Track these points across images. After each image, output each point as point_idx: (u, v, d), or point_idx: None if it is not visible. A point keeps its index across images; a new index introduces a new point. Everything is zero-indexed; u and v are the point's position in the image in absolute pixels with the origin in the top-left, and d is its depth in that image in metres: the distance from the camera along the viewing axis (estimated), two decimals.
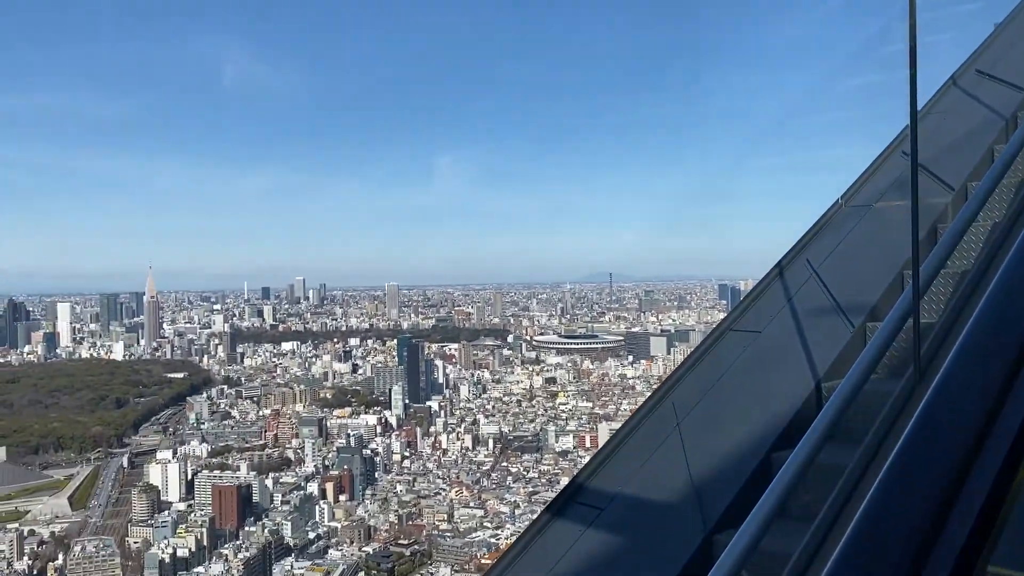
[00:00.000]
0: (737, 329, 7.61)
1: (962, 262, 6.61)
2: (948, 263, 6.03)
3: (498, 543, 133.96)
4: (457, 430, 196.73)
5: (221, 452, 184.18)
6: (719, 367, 7.12)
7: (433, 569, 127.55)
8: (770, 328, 7.33)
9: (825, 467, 4.51)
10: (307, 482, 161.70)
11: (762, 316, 7.54)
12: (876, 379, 4.82)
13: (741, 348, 7.27)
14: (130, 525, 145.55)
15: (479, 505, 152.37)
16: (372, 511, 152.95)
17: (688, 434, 6.37)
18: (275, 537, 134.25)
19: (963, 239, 6.09)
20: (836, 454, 4.58)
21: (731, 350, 7.32)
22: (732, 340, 7.45)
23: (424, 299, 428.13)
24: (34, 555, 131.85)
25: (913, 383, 4.31)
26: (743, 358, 7.15)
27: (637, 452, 6.57)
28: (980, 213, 6.12)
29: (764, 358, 7.07)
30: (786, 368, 6.65)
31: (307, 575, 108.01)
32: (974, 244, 6.64)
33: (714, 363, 7.24)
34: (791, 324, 7.09)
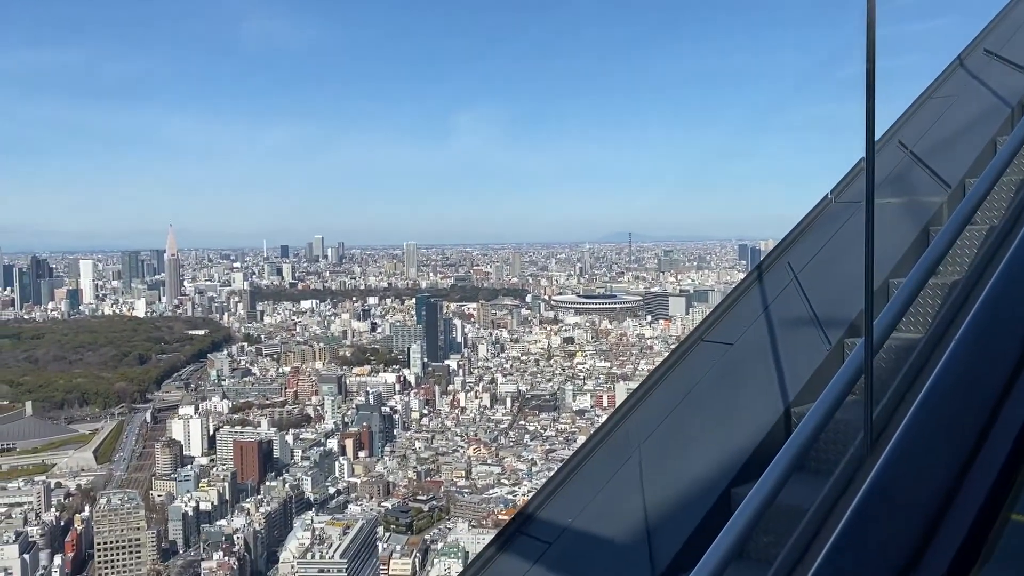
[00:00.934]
0: (709, 340, 6.87)
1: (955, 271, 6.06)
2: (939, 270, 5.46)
3: (515, 500, 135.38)
4: (475, 388, 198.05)
5: (242, 408, 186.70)
6: (686, 383, 6.43)
7: (451, 524, 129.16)
8: (743, 340, 6.57)
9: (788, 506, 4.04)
10: (327, 438, 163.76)
11: (736, 325, 6.75)
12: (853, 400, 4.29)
13: (711, 362, 6.56)
14: (154, 479, 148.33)
15: (496, 462, 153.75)
16: (391, 467, 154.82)
17: (647, 461, 5.75)
18: (295, 492, 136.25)
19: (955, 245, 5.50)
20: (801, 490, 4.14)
21: (700, 364, 6.61)
22: (703, 352, 6.72)
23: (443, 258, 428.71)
24: (61, 507, 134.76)
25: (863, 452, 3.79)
26: (712, 374, 6.44)
27: (592, 479, 5.92)
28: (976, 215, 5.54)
29: (734, 375, 6.38)
30: (755, 388, 6.01)
31: (327, 529, 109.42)
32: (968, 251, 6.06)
33: (681, 378, 6.54)
34: (765, 337, 6.43)
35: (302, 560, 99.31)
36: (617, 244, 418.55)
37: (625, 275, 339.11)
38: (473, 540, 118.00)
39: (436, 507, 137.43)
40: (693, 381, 6.35)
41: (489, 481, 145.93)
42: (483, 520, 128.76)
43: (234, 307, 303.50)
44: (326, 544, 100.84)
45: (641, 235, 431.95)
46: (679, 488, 5.33)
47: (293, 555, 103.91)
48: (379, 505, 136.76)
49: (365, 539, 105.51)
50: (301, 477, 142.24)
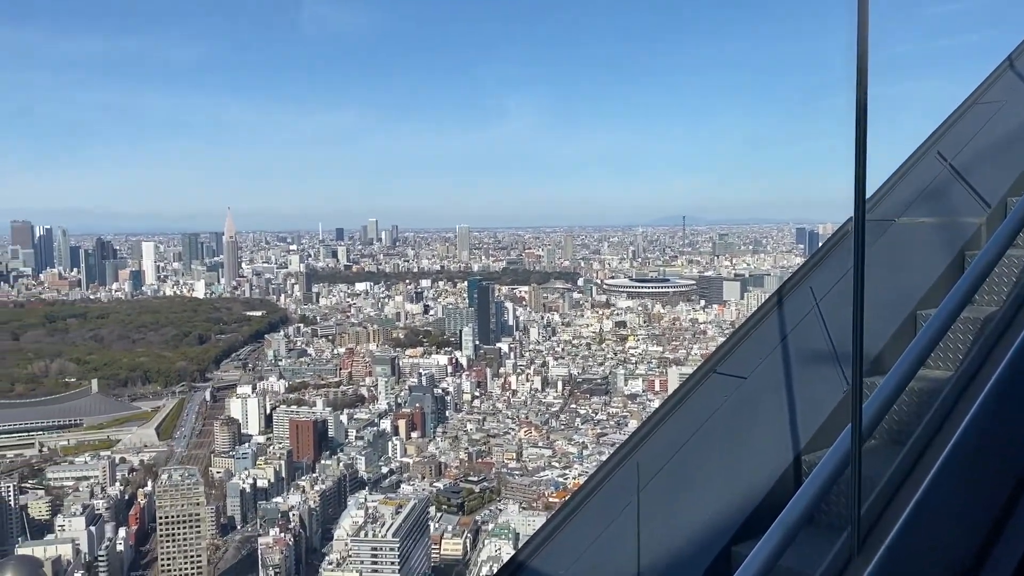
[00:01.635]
0: (722, 372, 6.37)
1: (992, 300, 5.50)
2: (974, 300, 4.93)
3: (566, 483, 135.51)
4: (526, 371, 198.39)
5: (298, 388, 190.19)
6: (694, 420, 5.97)
7: (502, 505, 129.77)
8: (757, 374, 6.07)
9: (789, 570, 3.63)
10: (380, 419, 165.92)
11: (751, 357, 6.21)
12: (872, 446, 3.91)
13: (722, 397, 6.06)
14: (213, 456, 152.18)
15: (547, 445, 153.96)
16: (443, 448, 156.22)
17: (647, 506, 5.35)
18: (350, 470, 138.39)
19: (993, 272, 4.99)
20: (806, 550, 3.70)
21: (711, 398, 6.11)
22: (714, 385, 6.21)
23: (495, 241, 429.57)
24: (125, 481, 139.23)
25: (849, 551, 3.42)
26: (722, 411, 5.94)
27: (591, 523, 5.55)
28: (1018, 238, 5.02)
29: (744, 413, 5.88)
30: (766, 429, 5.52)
31: (380, 508, 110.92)
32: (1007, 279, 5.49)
33: (690, 414, 6.07)
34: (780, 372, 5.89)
35: (356, 538, 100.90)
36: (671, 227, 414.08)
37: (679, 259, 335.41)
38: (524, 522, 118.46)
39: (487, 488, 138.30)
40: (702, 418, 5.94)
41: (540, 463, 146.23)
42: (533, 502, 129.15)
43: (290, 289, 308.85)
44: (379, 523, 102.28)
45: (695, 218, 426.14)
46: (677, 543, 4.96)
47: (347, 533, 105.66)
48: (431, 485, 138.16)
49: (417, 518, 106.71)
50: (355, 456, 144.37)
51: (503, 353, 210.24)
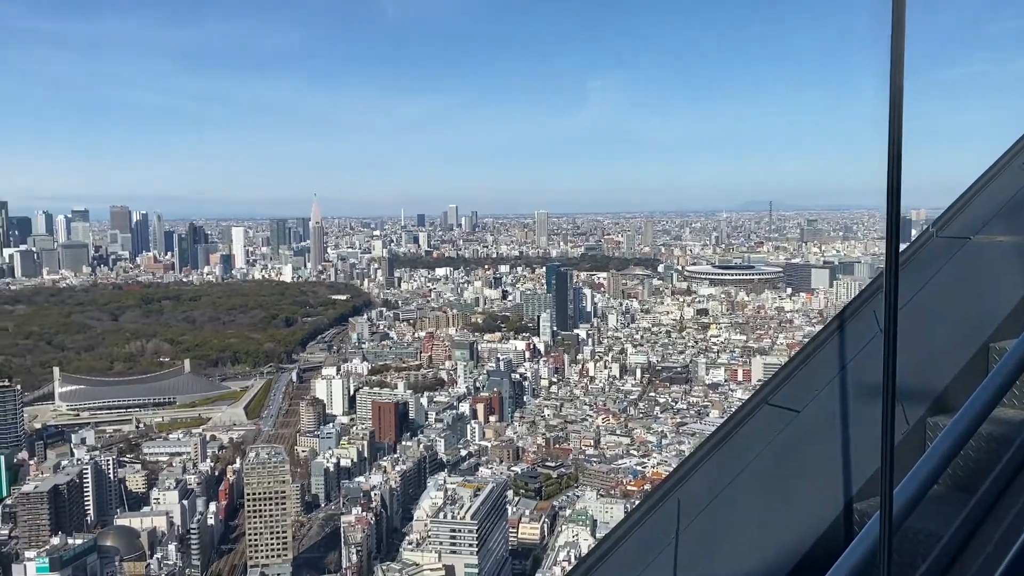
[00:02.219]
0: (774, 403, 5.67)
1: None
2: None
3: (644, 471, 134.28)
4: (604, 358, 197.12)
5: (380, 370, 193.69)
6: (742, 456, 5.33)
7: (579, 492, 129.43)
8: (812, 408, 5.39)
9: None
10: (459, 402, 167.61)
11: (806, 388, 5.50)
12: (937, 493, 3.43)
13: (773, 431, 5.40)
14: (298, 435, 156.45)
15: (625, 433, 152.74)
16: (521, 432, 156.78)
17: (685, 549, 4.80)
18: (429, 452, 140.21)
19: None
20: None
21: (761, 432, 5.44)
22: (765, 418, 5.53)
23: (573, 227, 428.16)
24: (215, 458, 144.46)
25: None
26: (772, 447, 5.29)
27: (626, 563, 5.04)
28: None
29: (795, 451, 5.20)
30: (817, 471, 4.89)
31: (459, 490, 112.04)
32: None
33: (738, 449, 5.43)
34: (836, 407, 5.22)
35: (435, 519, 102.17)
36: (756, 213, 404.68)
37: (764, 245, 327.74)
38: (601, 509, 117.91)
39: (565, 474, 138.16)
40: (750, 454, 5.35)
41: (618, 451, 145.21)
42: (611, 489, 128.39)
43: (373, 273, 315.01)
44: (458, 505, 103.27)
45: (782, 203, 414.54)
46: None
47: (427, 514, 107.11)
48: (509, 469, 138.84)
49: (495, 502, 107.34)
50: (435, 438, 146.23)
51: (581, 339, 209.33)
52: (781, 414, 5.48)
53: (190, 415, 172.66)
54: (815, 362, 5.66)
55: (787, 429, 5.31)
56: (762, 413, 5.57)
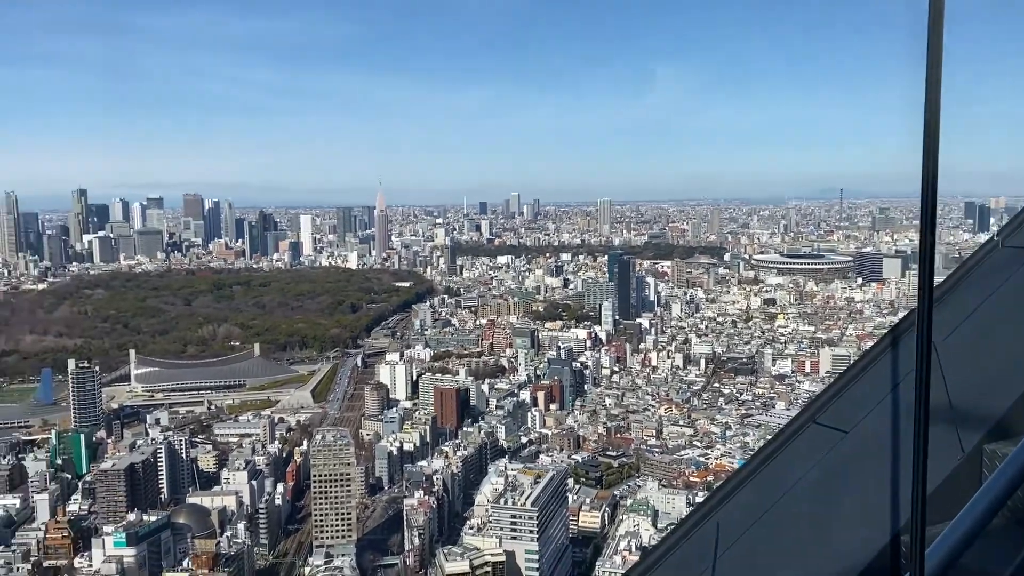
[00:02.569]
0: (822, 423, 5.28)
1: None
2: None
3: (707, 463, 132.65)
4: (668, 348, 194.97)
5: (442, 357, 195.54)
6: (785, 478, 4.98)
7: (640, 482, 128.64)
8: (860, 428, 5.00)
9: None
10: (520, 389, 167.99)
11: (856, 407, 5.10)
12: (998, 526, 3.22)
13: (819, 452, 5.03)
14: (363, 418, 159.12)
15: (688, 424, 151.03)
16: (581, 421, 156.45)
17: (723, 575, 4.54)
18: (490, 439, 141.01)
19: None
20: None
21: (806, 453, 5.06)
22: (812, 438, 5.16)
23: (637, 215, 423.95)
24: (283, 440, 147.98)
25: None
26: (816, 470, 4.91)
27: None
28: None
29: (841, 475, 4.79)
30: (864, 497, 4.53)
31: (519, 477, 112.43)
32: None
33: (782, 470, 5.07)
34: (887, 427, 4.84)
35: (496, 505, 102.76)
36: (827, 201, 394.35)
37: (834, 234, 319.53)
38: (663, 499, 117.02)
39: (626, 463, 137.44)
40: (794, 477, 5.03)
41: (680, 442, 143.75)
42: (673, 480, 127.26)
43: (436, 261, 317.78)
44: (518, 491, 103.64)
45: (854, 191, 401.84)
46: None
47: (487, 499, 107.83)
48: (569, 457, 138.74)
49: (556, 489, 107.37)
50: (495, 425, 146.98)
51: (643, 328, 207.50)
52: (828, 434, 5.14)
53: (259, 398, 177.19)
54: (866, 379, 5.35)
55: (834, 451, 4.96)
56: (808, 432, 5.23)
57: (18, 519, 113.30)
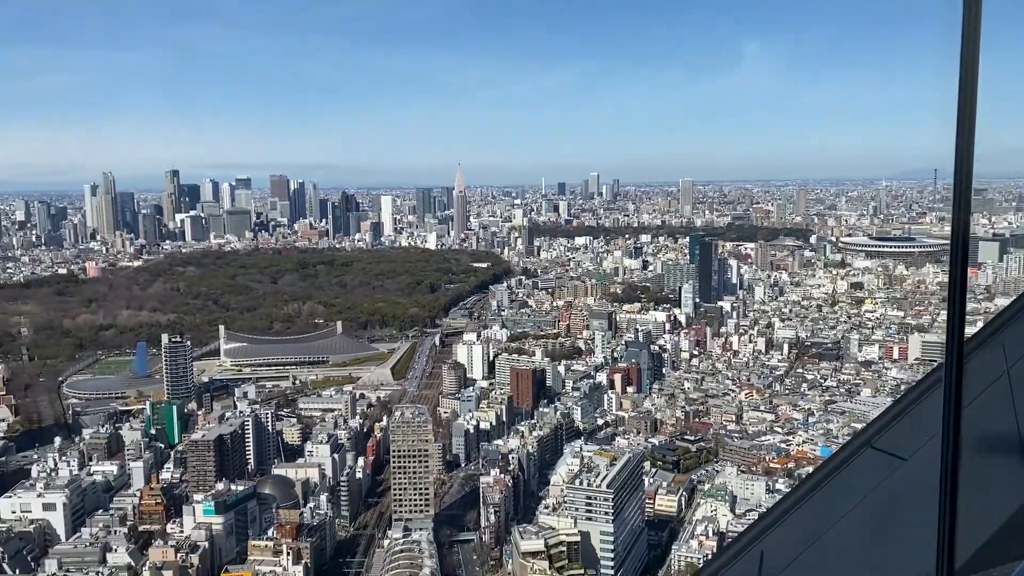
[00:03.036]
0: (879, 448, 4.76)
1: None
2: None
3: (788, 449, 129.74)
4: (750, 332, 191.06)
5: (518, 338, 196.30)
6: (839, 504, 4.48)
7: (718, 467, 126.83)
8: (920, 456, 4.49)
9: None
10: (596, 372, 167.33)
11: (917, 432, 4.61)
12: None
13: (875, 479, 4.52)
14: (440, 396, 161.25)
15: (770, 409, 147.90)
16: (659, 405, 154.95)
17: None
18: (566, 420, 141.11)
19: None
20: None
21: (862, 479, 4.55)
22: (868, 463, 4.63)
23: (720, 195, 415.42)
24: (364, 415, 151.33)
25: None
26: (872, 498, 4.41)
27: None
28: None
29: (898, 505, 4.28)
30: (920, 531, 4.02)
31: (595, 459, 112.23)
32: None
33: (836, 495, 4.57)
34: None
35: (571, 485, 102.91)
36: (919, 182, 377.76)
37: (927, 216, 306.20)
38: (742, 485, 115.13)
39: (704, 448, 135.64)
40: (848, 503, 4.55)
41: (761, 427, 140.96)
42: (753, 466, 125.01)
43: (514, 242, 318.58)
44: (594, 473, 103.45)
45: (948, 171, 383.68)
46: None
47: (563, 480, 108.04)
48: (646, 441, 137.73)
49: (632, 472, 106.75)
50: (571, 407, 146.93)
51: (725, 312, 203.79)
52: (886, 460, 4.72)
53: (341, 374, 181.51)
54: (928, 403, 4.94)
55: (890, 479, 4.58)
56: (865, 457, 4.82)
57: (115, 485, 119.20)
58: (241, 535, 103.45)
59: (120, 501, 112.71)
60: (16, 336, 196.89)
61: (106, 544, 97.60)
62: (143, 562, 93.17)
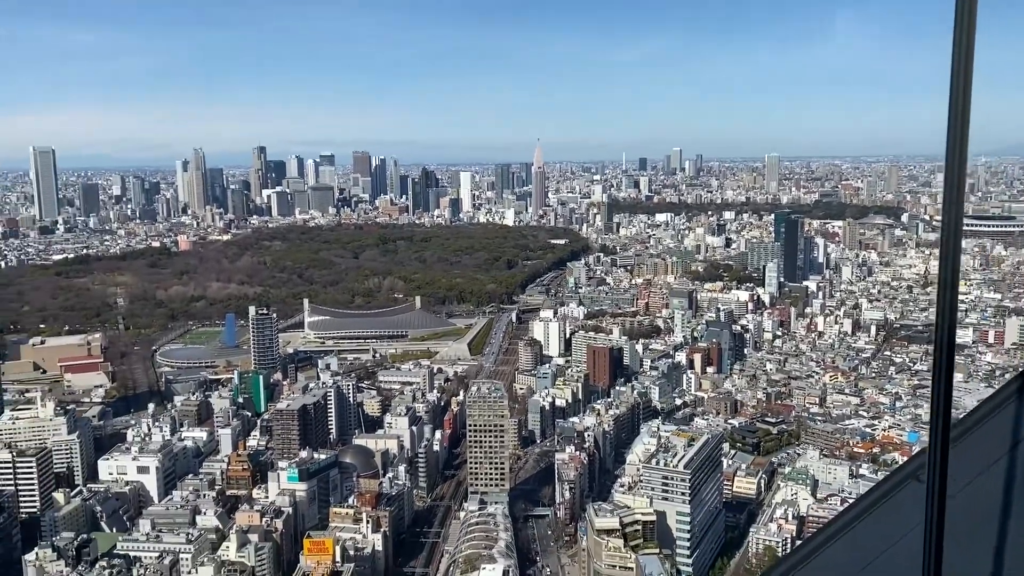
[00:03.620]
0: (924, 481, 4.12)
1: None
2: None
3: (874, 434, 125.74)
4: (836, 313, 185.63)
5: (596, 315, 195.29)
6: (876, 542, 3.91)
7: (800, 450, 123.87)
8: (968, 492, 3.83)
9: None
10: (675, 351, 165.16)
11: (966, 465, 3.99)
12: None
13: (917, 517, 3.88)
14: (516, 373, 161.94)
15: (855, 392, 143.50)
16: (739, 386, 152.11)
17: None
18: (643, 399, 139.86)
19: None
20: None
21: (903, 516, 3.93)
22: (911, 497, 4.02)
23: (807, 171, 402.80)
24: (441, 389, 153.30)
25: None
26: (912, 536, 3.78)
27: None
28: None
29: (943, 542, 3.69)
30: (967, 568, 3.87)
31: (672, 439, 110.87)
32: None
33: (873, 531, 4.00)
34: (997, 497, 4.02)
35: (647, 465, 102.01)
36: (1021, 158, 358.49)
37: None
38: (824, 469, 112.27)
39: (785, 431, 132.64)
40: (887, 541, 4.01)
41: (845, 411, 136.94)
42: (836, 451, 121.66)
43: (592, 218, 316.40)
44: (671, 453, 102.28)
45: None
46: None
47: (639, 459, 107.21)
48: (725, 422, 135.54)
49: (709, 454, 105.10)
50: (649, 386, 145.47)
51: (810, 292, 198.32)
52: None
53: (420, 348, 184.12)
54: (981, 434, 4.51)
55: None
56: (908, 491, 4.34)
57: (204, 451, 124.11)
58: (323, 502, 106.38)
59: (209, 466, 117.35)
60: (113, 306, 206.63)
61: (195, 507, 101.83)
62: (230, 525, 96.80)
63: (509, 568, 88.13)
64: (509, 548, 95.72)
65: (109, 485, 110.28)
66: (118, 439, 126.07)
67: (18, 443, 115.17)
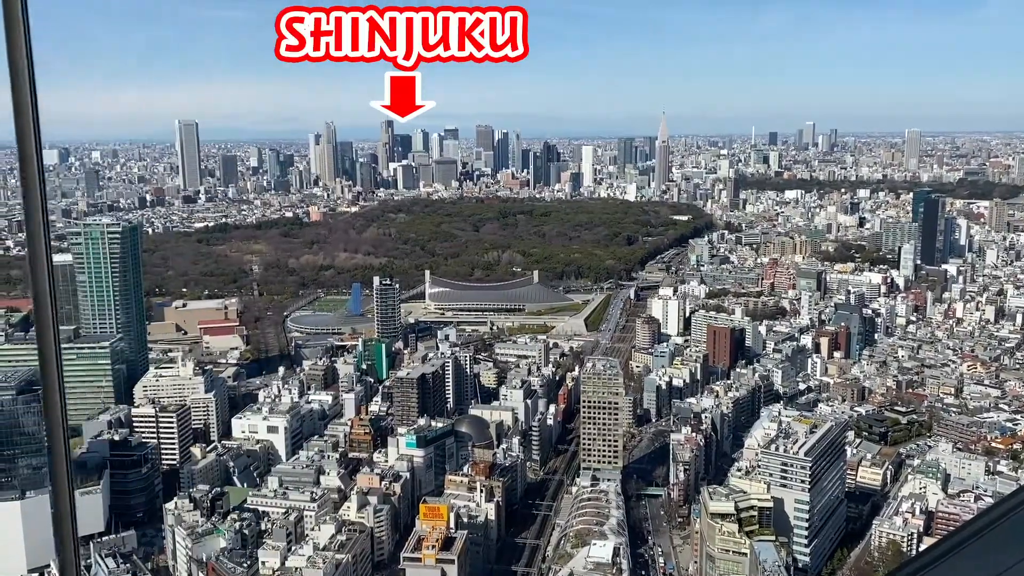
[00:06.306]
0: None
1: None
2: None
3: (1015, 429, 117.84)
4: (977, 299, 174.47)
5: (718, 294, 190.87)
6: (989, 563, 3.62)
7: (932, 442, 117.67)
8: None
9: None
10: (801, 334, 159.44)
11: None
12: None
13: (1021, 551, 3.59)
14: (633, 350, 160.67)
15: (995, 384, 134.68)
16: (868, 372, 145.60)
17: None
18: (764, 382, 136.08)
19: None
20: None
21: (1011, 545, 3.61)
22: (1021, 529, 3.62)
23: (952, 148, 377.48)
24: (556, 364, 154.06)
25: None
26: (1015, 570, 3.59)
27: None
28: None
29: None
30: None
31: (794, 425, 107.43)
32: None
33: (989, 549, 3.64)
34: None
35: (766, 450, 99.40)
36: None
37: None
38: (957, 464, 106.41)
39: (916, 421, 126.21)
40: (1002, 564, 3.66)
41: (983, 403, 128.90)
42: (971, 444, 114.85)
43: (718, 194, 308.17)
44: (791, 439, 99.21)
45: None
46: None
47: (758, 443, 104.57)
48: (851, 409, 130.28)
49: (833, 441, 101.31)
50: (771, 369, 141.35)
51: (949, 276, 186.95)
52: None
53: (536, 322, 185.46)
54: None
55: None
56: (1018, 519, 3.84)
57: (329, 414, 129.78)
58: (439, 469, 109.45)
59: (333, 429, 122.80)
60: (249, 272, 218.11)
61: (320, 467, 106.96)
62: (352, 486, 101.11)
63: (620, 545, 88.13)
64: (620, 526, 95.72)
65: (241, 442, 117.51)
66: (250, 399, 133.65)
67: (161, 399, 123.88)
